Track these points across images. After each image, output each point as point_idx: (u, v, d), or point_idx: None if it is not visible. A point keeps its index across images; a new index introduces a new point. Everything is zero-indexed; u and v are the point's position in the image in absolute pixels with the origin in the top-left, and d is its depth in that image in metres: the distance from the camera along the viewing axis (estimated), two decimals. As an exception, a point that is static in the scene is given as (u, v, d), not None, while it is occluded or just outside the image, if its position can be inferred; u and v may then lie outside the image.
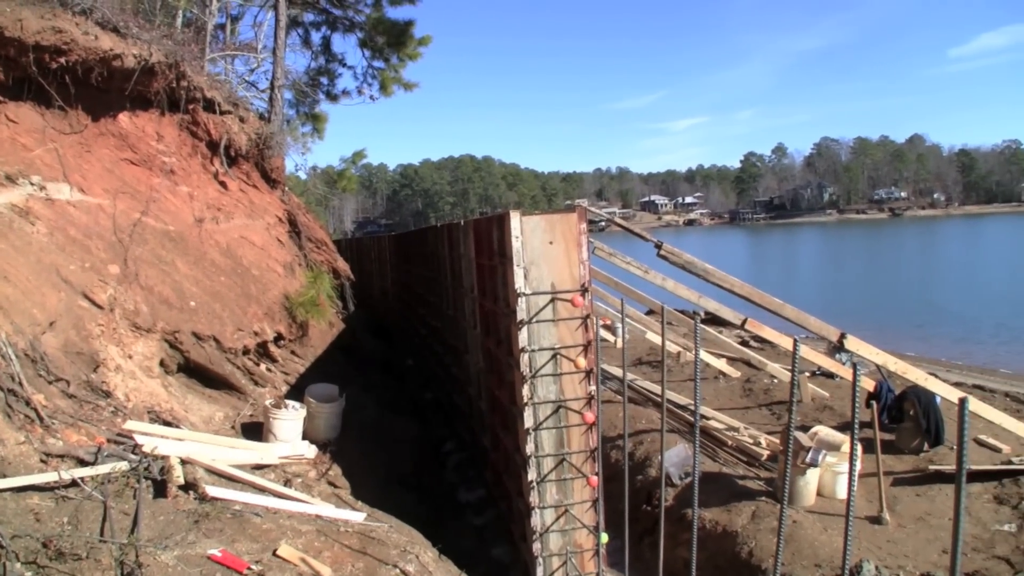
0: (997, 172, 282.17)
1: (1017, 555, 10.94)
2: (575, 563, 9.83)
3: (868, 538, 11.40)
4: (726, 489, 12.70)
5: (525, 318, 8.98)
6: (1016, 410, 19.35)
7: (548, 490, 9.62)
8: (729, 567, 11.08)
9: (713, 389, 19.98)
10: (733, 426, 15.77)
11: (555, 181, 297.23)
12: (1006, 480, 13.47)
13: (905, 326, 46.29)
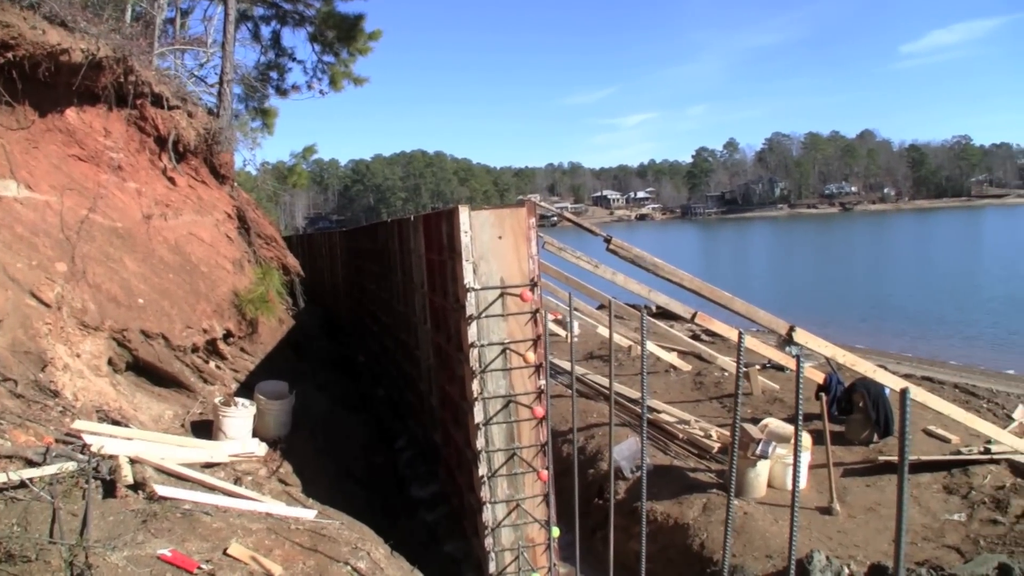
0: (947, 167, 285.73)
1: (967, 544, 11.07)
2: (527, 557, 9.84)
3: (819, 528, 11.49)
4: (677, 482, 12.77)
5: (474, 313, 8.98)
6: (965, 401, 19.55)
7: (499, 485, 9.62)
8: (681, 559, 11.14)
9: (664, 383, 20.04)
10: (684, 419, 15.84)
11: (507, 176, 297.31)
12: (955, 470, 13.62)
13: (855, 319, 46.73)
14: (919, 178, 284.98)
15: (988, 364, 33.32)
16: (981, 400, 20.44)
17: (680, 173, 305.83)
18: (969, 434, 15.13)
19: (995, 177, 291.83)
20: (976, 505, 12.35)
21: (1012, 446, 14.46)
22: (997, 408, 19.29)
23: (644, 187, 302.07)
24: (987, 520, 11.82)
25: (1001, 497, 12.47)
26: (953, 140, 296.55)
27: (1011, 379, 30.01)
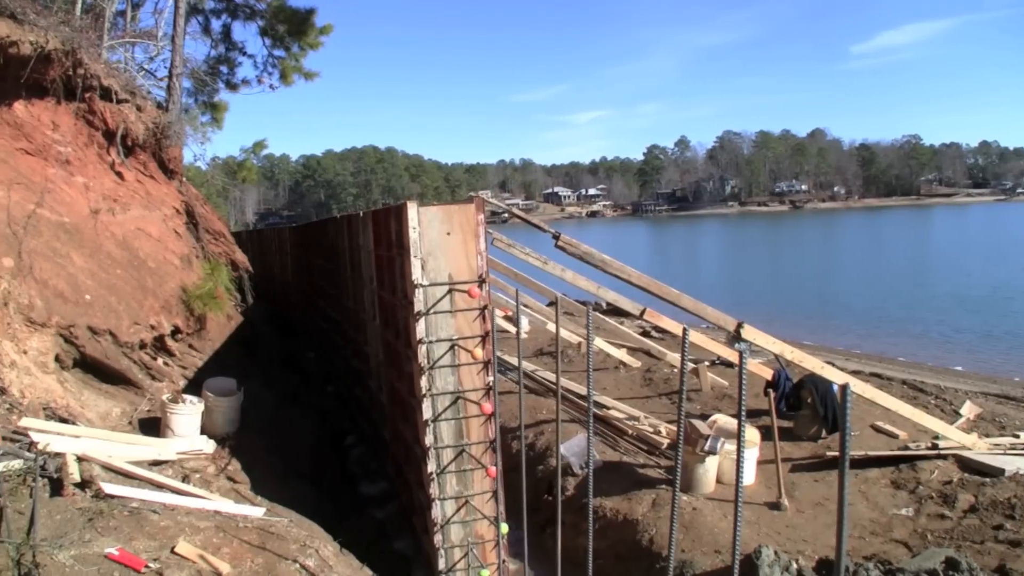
0: (896, 166, 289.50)
1: (915, 538, 11.17)
2: (476, 554, 9.85)
3: (767, 524, 11.55)
4: (627, 478, 12.80)
5: (423, 309, 8.97)
6: (913, 397, 19.71)
7: (448, 481, 9.62)
8: (630, 555, 11.16)
9: (614, 379, 20.10)
10: (633, 415, 15.89)
11: (459, 172, 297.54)
12: (903, 465, 13.74)
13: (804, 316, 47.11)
14: (869, 177, 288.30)
15: (936, 361, 33.71)
16: (929, 396, 20.63)
17: (631, 170, 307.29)
18: (917, 430, 15.28)
19: (944, 176, 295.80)
20: (924, 500, 12.46)
21: (959, 441, 14.61)
22: (945, 404, 19.47)
23: (595, 184, 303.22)
24: (935, 515, 11.93)
25: (948, 492, 12.59)
26: (903, 140, 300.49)
27: (959, 375, 30.39)
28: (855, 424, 16.00)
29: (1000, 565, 9.79)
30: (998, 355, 35.51)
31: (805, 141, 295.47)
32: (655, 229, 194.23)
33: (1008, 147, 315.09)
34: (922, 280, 63.65)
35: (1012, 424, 17.79)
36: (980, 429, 16.65)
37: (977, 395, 23.51)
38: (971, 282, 58.99)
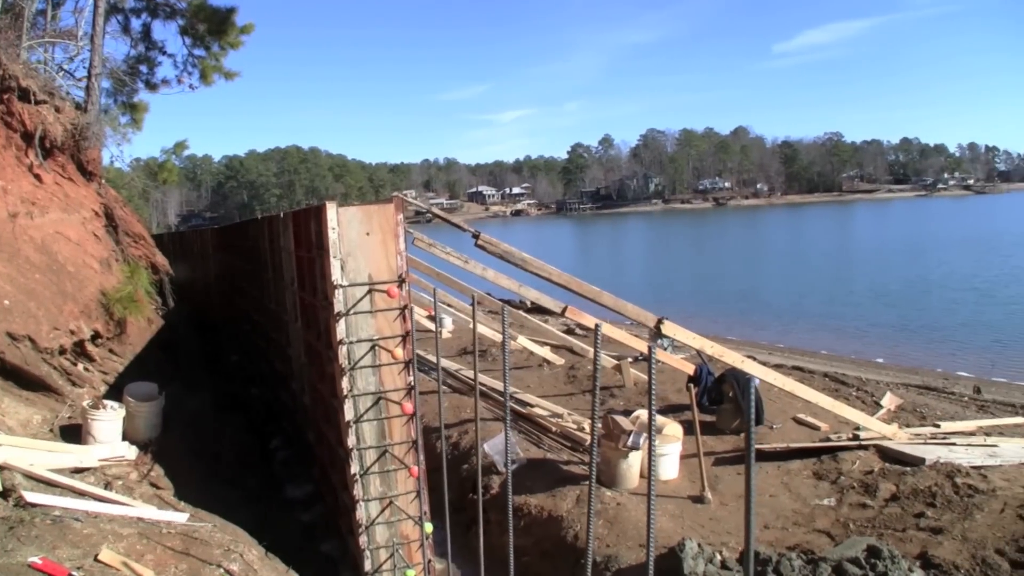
0: (818, 163, 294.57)
1: (837, 528, 11.34)
2: (402, 554, 9.82)
3: (691, 517, 11.65)
4: (551, 475, 12.85)
5: (343, 310, 8.93)
6: (835, 389, 19.99)
7: (372, 482, 9.58)
8: (556, 551, 11.19)
9: (538, 377, 20.17)
10: (557, 412, 15.95)
11: (383, 172, 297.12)
12: (825, 456, 13.96)
13: (727, 311, 47.60)
14: (791, 174, 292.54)
15: (858, 354, 34.24)
16: (851, 388, 20.91)
17: (555, 169, 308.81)
18: (839, 421, 15.50)
19: (866, 173, 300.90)
20: (845, 490, 12.64)
21: (880, 432, 14.83)
22: (866, 396, 19.73)
23: (520, 183, 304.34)
24: (856, 504, 12.11)
25: (870, 481, 12.79)
26: (825, 137, 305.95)
27: (880, 367, 30.85)
28: (777, 417, 16.20)
29: (922, 552, 9.96)
30: (919, 347, 36.15)
31: (728, 139, 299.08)
32: (579, 227, 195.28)
33: (929, 144, 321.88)
34: (843, 275, 64.91)
35: (933, 414, 18.08)
36: (901, 420, 16.92)
37: (898, 386, 23.89)
38: (889, 277, 60.01)
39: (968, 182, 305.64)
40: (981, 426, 16.81)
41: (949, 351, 35.34)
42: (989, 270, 63.10)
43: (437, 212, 16.18)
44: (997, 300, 47.91)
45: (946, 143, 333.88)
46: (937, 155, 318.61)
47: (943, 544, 10.21)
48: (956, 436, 15.62)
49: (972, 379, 28.78)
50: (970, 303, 47.36)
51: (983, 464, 13.15)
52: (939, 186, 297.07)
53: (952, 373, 30.53)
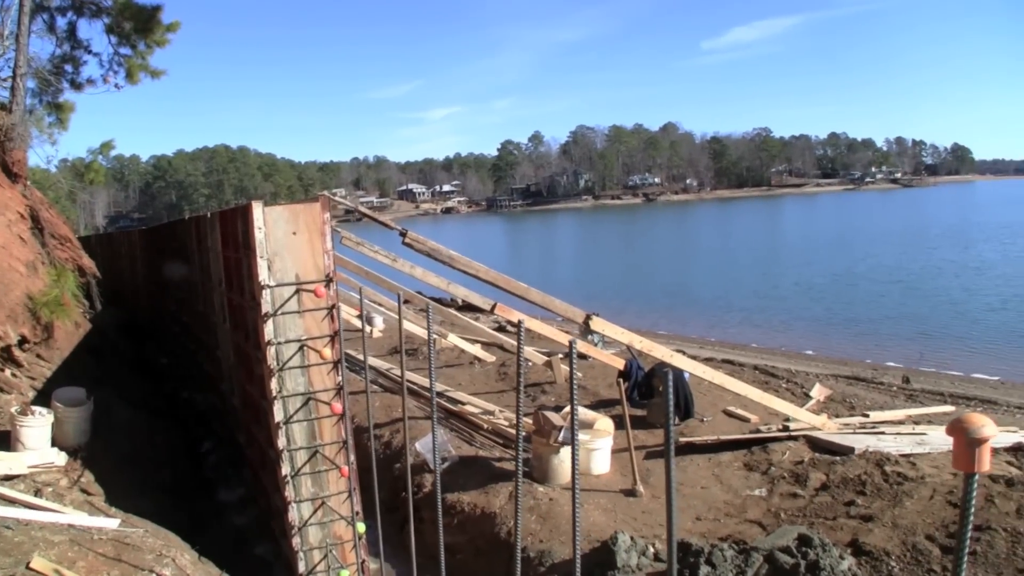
0: (747, 158, 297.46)
1: (769, 517, 11.44)
2: (336, 555, 9.78)
3: (623, 510, 11.70)
4: (484, 472, 12.84)
5: (270, 310, 8.86)
6: (765, 382, 20.18)
7: (303, 483, 9.53)
8: (489, 548, 11.20)
9: (469, 374, 20.18)
10: (489, 410, 15.95)
11: (312, 171, 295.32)
12: (755, 448, 14.10)
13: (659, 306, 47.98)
14: (720, 169, 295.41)
15: (787, 346, 34.57)
16: (780, 380, 21.12)
17: (486, 166, 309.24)
18: (768, 413, 15.65)
19: (794, 167, 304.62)
20: (776, 480, 12.76)
21: (809, 422, 14.97)
22: (796, 387, 19.92)
23: (450, 180, 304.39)
24: (787, 494, 12.23)
25: (800, 472, 12.92)
26: (754, 132, 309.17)
27: (810, 359, 31.22)
28: (708, 410, 16.31)
29: (853, 539, 10.09)
30: (848, 339, 36.66)
31: (658, 135, 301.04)
32: (510, 224, 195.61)
33: (856, 138, 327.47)
34: (771, 269, 65.72)
35: (862, 404, 18.29)
36: (831, 410, 17.11)
37: (828, 378, 24.15)
38: (817, 270, 60.83)
39: (895, 176, 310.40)
40: (910, 415, 17.03)
41: (878, 342, 35.86)
42: (915, 262, 64.19)
43: (363, 210, 16.16)
44: (924, 292, 48.78)
45: (874, 138, 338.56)
46: (865, 149, 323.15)
47: (874, 531, 10.33)
48: (885, 425, 15.80)
49: (901, 369, 29.18)
50: (898, 295, 48.20)
51: (912, 452, 13.32)
52: (867, 180, 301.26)
53: (881, 364, 30.96)
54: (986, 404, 23.13)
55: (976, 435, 2.44)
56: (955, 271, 57.97)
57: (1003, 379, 28.35)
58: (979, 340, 35.82)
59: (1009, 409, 22.62)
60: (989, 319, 39.92)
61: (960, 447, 2.48)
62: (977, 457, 2.45)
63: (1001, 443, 14.78)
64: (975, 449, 2.44)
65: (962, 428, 2.47)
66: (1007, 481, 12.04)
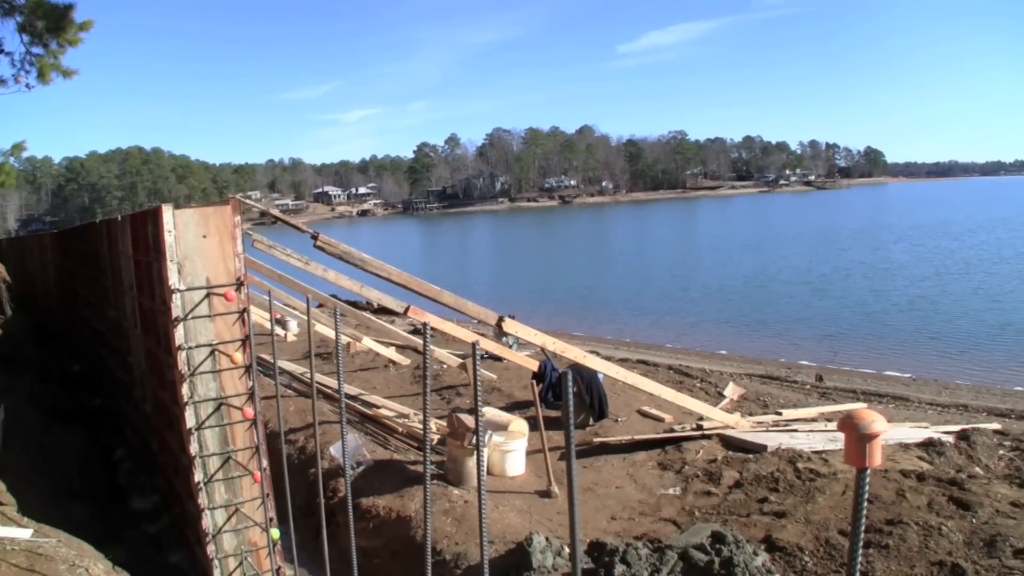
0: (663, 161, 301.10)
1: (683, 516, 11.57)
2: (251, 562, 9.71)
3: (539, 511, 11.74)
4: (399, 475, 12.80)
5: (181, 315, 8.78)
6: (679, 381, 20.37)
7: (217, 490, 9.45)
8: (406, 551, 11.17)
9: (384, 377, 20.14)
10: (403, 413, 15.93)
11: (227, 173, 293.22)
12: (669, 447, 14.25)
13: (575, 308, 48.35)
14: (636, 171, 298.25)
15: (703, 346, 34.96)
16: (695, 380, 21.34)
17: (402, 168, 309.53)
18: (682, 412, 15.81)
19: (709, 170, 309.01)
20: (690, 479, 12.91)
21: (723, 421, 15.15)
22: (710, 386, 20.15)
23: (366, 183, 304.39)
24: (701, 492, 12.37)
25: (713, 470, 13.08)
26: (669, 135, 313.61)
27: (724, 359, 31.58)
28: (622, 410, 16.42)
29: (766, 536, 10.23)
30: (763, 339, 37.15)
31: (574, 138, 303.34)
32: (426, 227, 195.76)
33: (771, 141, 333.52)
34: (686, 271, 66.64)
35: (776, 402, 18.54)
36: (744, 408, 17.33)
37: (742, 377, 24.44)
38: (732, 271, 61.73)
39: (809, 178, 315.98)
40: (823, 412, 17.29)
41: (792, 342, 36.41)
42: (827, 264, 65.31)
43: (274, 213, 16.06)
44: (835, 293, 49.67)
45: (788, 141, 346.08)
46: (779, 152, 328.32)
47: (787, 527, 10.47)
48: (798, 423, 16.03)
49: (815, 368, 29.64)
50: (809, 296, 48.98)
51: (824, 448, 13.55)
52: (781, 182, 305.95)
53: (795, 362, 31.44)
54: (898, 401, 23.54)
55: (866, 431, 2.49)
56: (865, 272, 59.08)
57: (915, 376, 28.91)
58: (891, 339, 36.53)
59: (921, 405, 23.04)
60: (899, 319, 40.74)
61: (851, 443, 2.52)
62: (868, 452, 2.49)
63: (913, 438, 15.11)
64: (866, 444, 2.49)
65: (852, 424, 2.52)
66: (918, 476, 12.30)
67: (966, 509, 10.86)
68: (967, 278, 54.01)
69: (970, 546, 9.65)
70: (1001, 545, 9.45)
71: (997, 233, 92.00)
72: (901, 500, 11.27)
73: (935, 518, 10.45)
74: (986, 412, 22.27)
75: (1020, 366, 30.56)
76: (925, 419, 19.96)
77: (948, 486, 11.82)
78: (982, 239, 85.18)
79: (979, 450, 15.32)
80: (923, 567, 9.14)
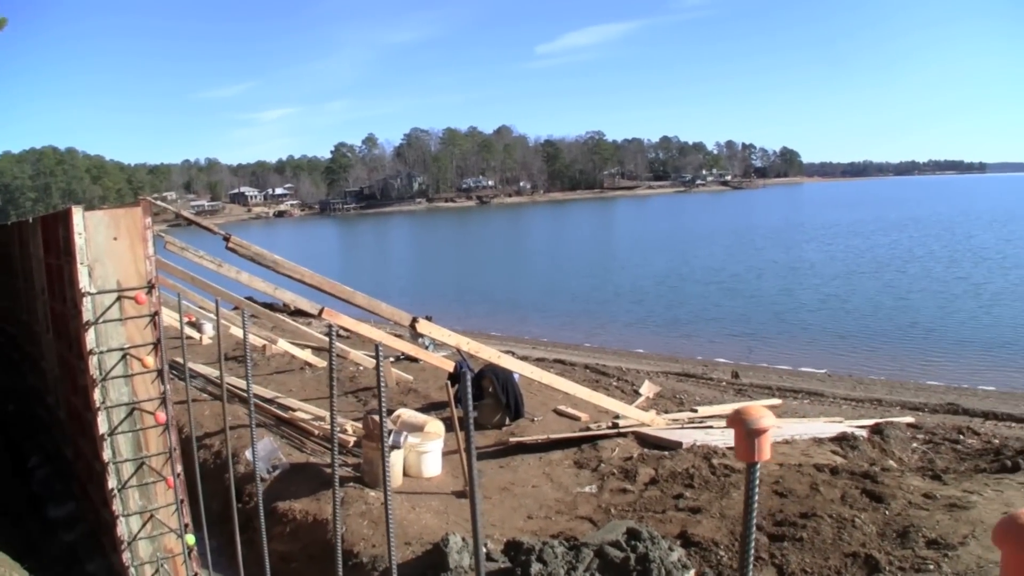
0: (580, 161, 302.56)
1: (599, 513, 11.63)
2: (168, 569, 9.63)
3: (456, 512, 11.75)
4: (315, 478, 12.76)
5: (92, 319, 8.69)
6: (595, 380, 20.52)
7: (131, 496, 9.35)
8: (323, 555, 11.13)
9: (300, 380, 20.07)
10: (320, 415, 15.88)
11: (142, 174, 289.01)
12: (585, 445, 14.33)
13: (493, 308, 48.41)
14: (554, 172, 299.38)
15: (620, 344, 35.17)
16: (611, 378, 21.51)
17: (319, 169, 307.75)
18: (599, 411, 15.93)
19: (627, 170, 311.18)
20: (606, 476, 12.98)
21: (639, 419, 15.26)
22: (626, 385, 20.31)
23: (283, 183, 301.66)
24: (617, 490, 12.44)
25: (629, 467, 13.18)
26: (587, 135, 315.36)
27: (641, 357, 31.82)
28: (539, 409, 16.51)
29: (682, 531, 10.33)
30: (679, 337, 37.50)
31: (492, 138, 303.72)
32: (344, 228, 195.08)
33: (688, 142, 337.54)
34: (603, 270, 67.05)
35: (692, 400, 18.74)
36: (660, 406, 17.50)
37: (659, 375, 24.66)
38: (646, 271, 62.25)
39: (726, 178, 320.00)
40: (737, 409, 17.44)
41: (708, 339, 36.84)
42: (741, 263, 66.23)
43: (185, 214, 15.91)
44: (750, 291, 50.22)
45: (704, 141, 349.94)
46: (696, 153, 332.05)
47: (702, 522, 10.59)
48: (713, 419, 16.22)
49: (731, 365, 30.01)
50: (723, 295, 49.73)
51: (738, 445, 13.66)
52: (698, 182, 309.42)
53: (711, 360, 31.80)
54: (813, 396, 23.91)
55: (754, 426, 2.54)
56: (778, 271, 59.84)
57: (830, 372, 29.40)
58: (805, 336, 37.19)
59: (835, 400, 23.41)
60: (812, 317, 41.44)
61: (740, 438, 2.58)
62: (757, 447, 2.55)
63: (827, 433, 15.34)
64: (754, 439, 2.54)
65: (741, 420, 2.58)
66: (832, 469, 12.50)
67: (879, 501, 11.05)
68: (877, 276, 55.07)
69: (883, 537, 9.83)
70: (914, 536, 9.63)
71: (908, 232, 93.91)
72: (815, 494, 11.44)
73: (849, 511, 10.63)
74: (900, 406, 22.69)
75: (932, 361, 31.28)
76: (840, 414, 20.29)
77: (861, 479, 12.03)
78: (893, 238, 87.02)
79: (892, 443, 15.57)
80: (837, 559, 9.29)
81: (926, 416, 20.80)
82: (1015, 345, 33.38)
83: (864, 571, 9.06)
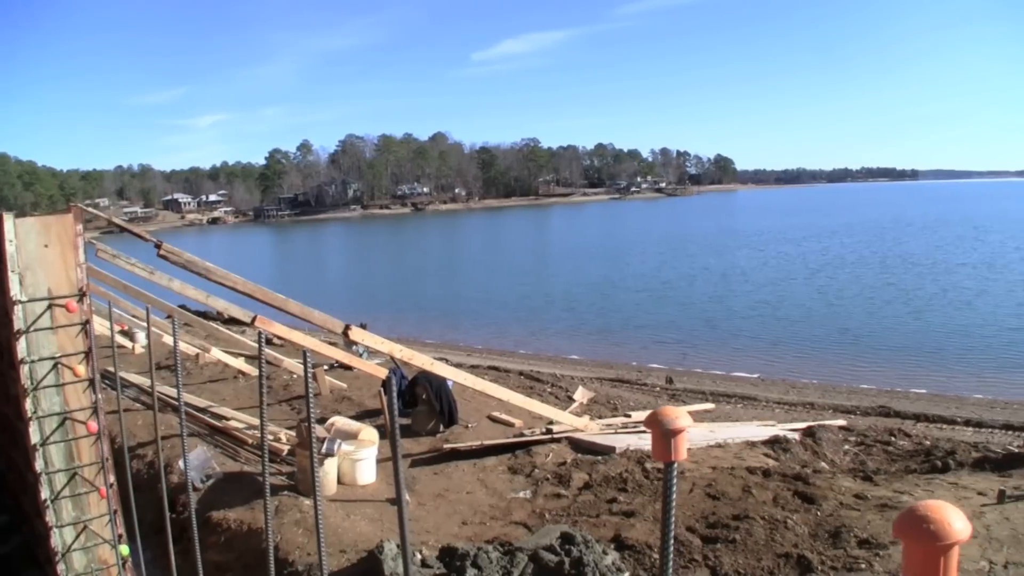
0: (515, 168, 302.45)
1: (534, 518, 11.69)
2: (102, 579, 9.57)
3: (391, 519, 11.74)
4: (250, 487, 12.69)
5: (23, 327, 8.62)
6: (530, 387, 20.55)
7: (64, 507, 9.27)
8: (257, 564, 11.07)
9: (233, 388, 19.98)
10: (253, 424, 15.79)
11: (74, 180, 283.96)
12: (519, 451, 14.42)
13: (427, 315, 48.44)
14: (489, 179, 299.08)
15: (555, 351, 35.28)
16: (545, 385, 21.57)
17: (253, 175, 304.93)
18: (532, 417, 15.96)
19: (562, 177, 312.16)
20: (540, 482, 13.05)
21: (572, 425, 15.36)
22: (560, 391, 20.39)
23: (216, 190, 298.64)
24: (551, 495, 12.52)
25: (563, 472, 13.26)
26: (522, 143, 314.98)
27: (576, 363, 31.95)
28: (473, 416, 16.57)
29: (616, 535, 10.41)
30: (613, 343, 37.71)
31: (427, 145, 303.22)
32: (278, 235, 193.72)
33: (623, 149, 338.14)
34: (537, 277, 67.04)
35: (626, 405, 18.86)
36: (594, 412, 17.60)
37: (593, 381, 24.77)
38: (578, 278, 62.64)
39: (660, 185, 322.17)
40: (670, 413, 17.57)
41: (643, 345, 37.04)
42: (674, 269, 66.63)
43: (116, 221, 15.76)
44: (682, 298, 50.62)
45: (640, 148, 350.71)
46: (631, 160, 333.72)
47: (636, 526, 10.69)
48: (646, 424, 16.29)
49: (665, 370, 30.20)
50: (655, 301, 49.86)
51: (671, 449, 13.76)
52: (632, 189, 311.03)
53: (645, 365, 31.97)
54: (747, 400, 24.15)
55: (670, 426, 2.61)
56: (710, 278, 60.47)
57: (763, 376, 29.68)
58: (738, 341, 37.51)
59: (768, 404, 23.64)
60: (744, 323, 41.83)
61: (657, 439, 2.64)
62: (673, 447, 2.61)
63: (760, 436, 15.54)
64: (671, 439, 2.60)
65: (657, 420, 2.64)
66: (764, 472, 12.66)
67: (811, 503, 11.23)
68: (809, 282, 55.73)
69: (815, 538, 9.98)
70: (846, 536, 9.80)
71: (839, 238, 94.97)
72: (748, 496, 11.59)
73: (781, 512, 10.78)
74: (832, 409, 22.99)
75: (864, 364, 31.68)
76: (772, 417, 20.52)
77: (794, 481, 12.21)
78: (825, 244, 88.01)
79: (824, 446, 15.80)
80: (770, 559, 9.41)
81: (858, 419, 21.11)
82: (945, 349, 33.92)
83: (797, 571, 9.18)
